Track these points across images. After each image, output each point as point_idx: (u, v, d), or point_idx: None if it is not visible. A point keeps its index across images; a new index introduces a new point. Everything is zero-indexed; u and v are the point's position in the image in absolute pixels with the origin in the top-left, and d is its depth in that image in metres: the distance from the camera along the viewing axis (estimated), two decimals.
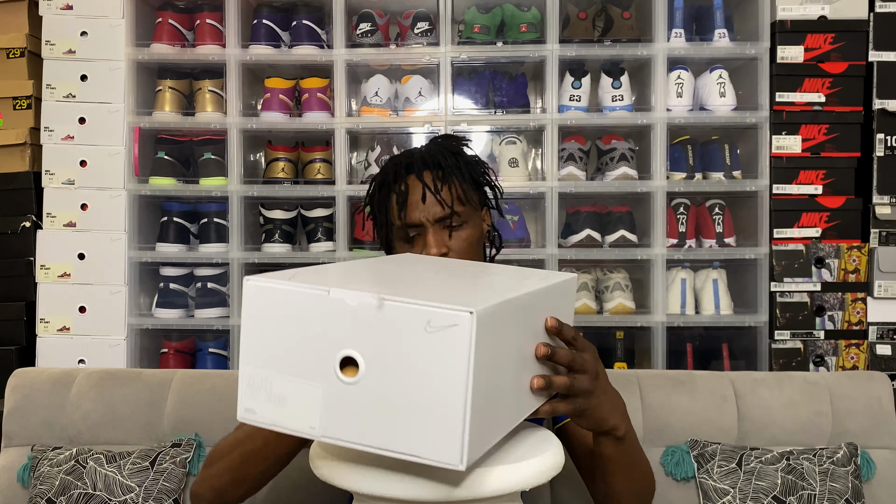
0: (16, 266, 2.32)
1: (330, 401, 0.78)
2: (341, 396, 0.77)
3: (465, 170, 1.34)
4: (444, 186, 1.30)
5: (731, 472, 1.64)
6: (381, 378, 0.76)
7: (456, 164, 1.33)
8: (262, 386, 0.82)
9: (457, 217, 1.30)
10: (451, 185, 1.30)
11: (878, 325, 2.25)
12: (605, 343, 2.33)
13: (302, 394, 0.79)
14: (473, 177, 1.35)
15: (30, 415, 1.74)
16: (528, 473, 0.89)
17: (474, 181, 1.36)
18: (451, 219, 1.30)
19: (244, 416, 0.83)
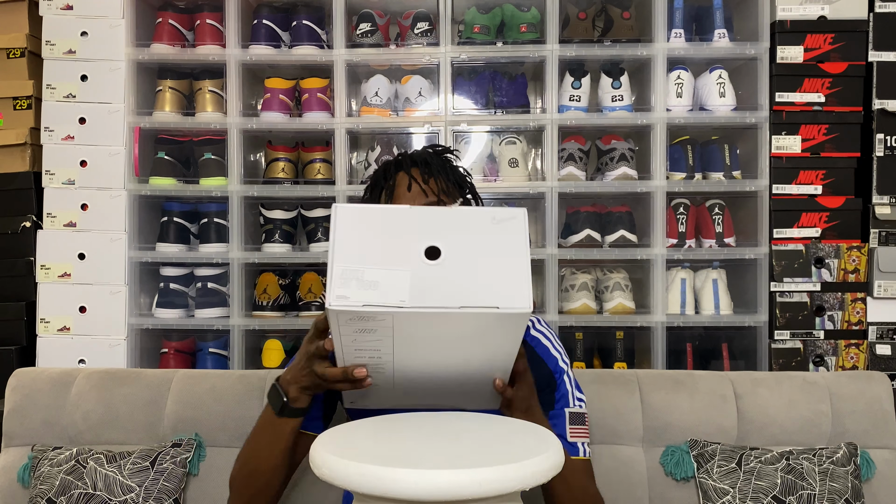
0: (16, 266, 2.32)
1: (416, 281, 1.00)
2: (427, 276, 1.00)
3: (450, 172, 1.41)
4: (429, 179, 1.37)
5: (730, 471, 1.64)
6: (460, 259, 1.02)
7: (441, 165, 1.41)
8: (354, 276, 1.00)
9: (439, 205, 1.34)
10: (437, 179, 1.38)
11: (877, 324, 2.25)
12: (605, 343, 2.34)
13: (392, 278, 1.00)
14: (457, 180, 1.42)
15: (30, 415, 1.74)
16: (528, 473, 0.89)
17: (458, 184, 1.42)
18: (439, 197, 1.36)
19: (336, 302, 0.99)
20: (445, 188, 1.39)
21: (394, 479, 0.85)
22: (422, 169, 1.39)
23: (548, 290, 2.26)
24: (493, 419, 1.13)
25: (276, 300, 2.32)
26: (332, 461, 0.91)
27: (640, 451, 1.73)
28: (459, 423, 1.11)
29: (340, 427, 1.07)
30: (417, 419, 1.12)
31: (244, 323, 2.29)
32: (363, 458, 0.90)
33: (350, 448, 0.95)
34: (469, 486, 0.85)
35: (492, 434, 1.04)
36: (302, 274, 2.37)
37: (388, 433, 1.03)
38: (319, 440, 0.99)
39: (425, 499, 0.85)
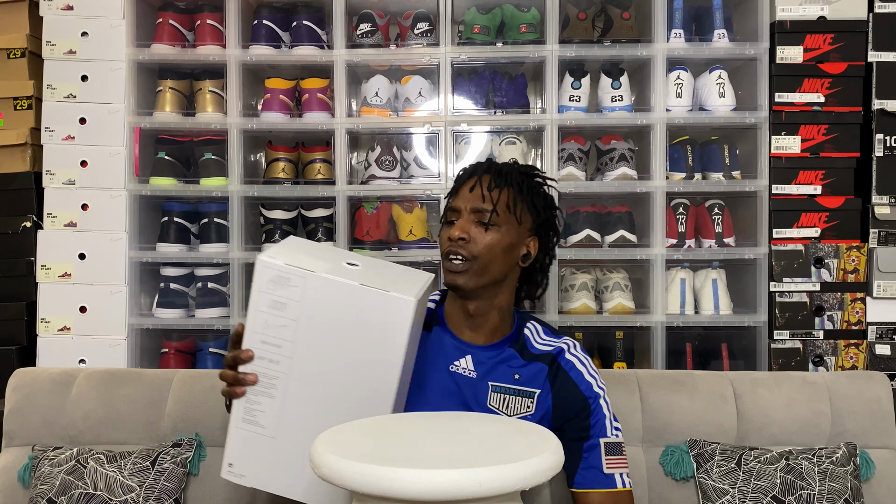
0: (16, 266, 2.32)
1: (334, 269, 1.19)
2: (343, 269, 1.21)
3: (528, 192, 1.42)
4: (494, 188, 1.38)
5: (730, 471, 1.64)
6: (372, 270, 1.25)
7: (520, 183, 1.41)
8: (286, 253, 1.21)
9: (493, 216, 1.37)
10: (502, 191, 1.38)
11: (877, 324, 2.25)
12: (605, 343, 2.34)
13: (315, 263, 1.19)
14: (533, 202, 1.43)
15: (30, 415, 1.74)
16: (528, 473, 0.89)
17: (533, 207, 1.43)
18: (486, 215, 1.37)
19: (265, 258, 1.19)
20: (509, 202, 1.39)
21: (394, 479, 0.86)
22: (493, 177, 1.40)
23: (548, 290, 2.26)
24: (493, 419, 1.14)
25: None
26: (332, 461, 0.91)
27: (640, 451, 1.73)
28: (459, 422, 1.11)
29: (340, 427, 1.08)
30: (417, 419, 1.12)
31: None
32: (363, 458, 0.90)
33: (350, 448, 0.95)
34: (469, 486, 0.85)
35: (492, 434, 1.04)
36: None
37: (388, 433, 1.03)
38: (319, 440, 0.99)
39: (425, 499, 0.85)
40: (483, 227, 1.37)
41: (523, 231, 1.42)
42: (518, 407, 1.41)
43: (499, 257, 1.38)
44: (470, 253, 1.37)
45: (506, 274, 1.42)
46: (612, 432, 1.42)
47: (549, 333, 1.50)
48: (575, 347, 1.48)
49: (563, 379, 1.42)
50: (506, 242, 1.38)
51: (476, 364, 1.42)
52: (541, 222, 1.45)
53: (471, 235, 1.37)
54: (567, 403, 1.41)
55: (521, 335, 1.46)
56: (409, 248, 2.28)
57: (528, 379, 1.42)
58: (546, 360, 1.44)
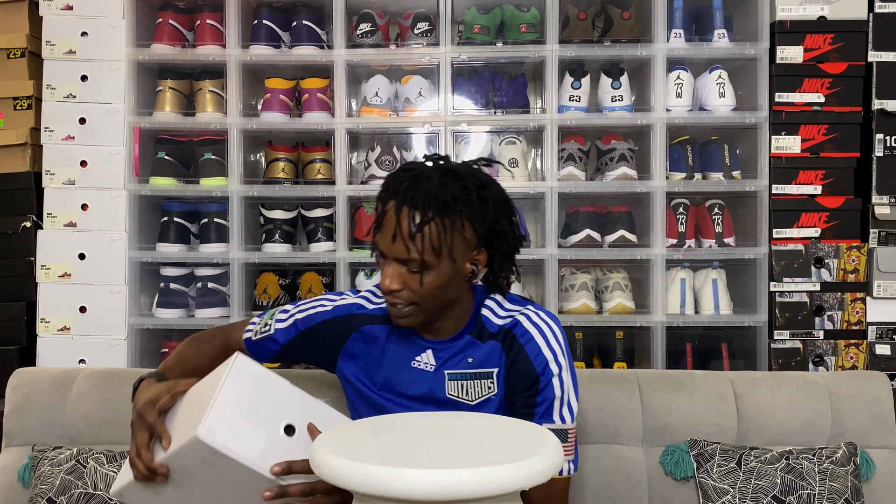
0: (16, 266, 2.32)
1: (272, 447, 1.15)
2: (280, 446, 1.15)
3: (458, 214, 1.25)
4: (416, 233, 1.23)
5: (730, 471, 1.64)
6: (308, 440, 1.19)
7: (444, 209, 1.24)
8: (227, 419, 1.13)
9: (415, 264, 1.25)
10: (424, 232, 1.23)
11: (877, 324, 2.25)
12: (605, 343, 2.34)
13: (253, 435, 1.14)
14: (470, 220, 1.27)
15: (30, 415, 1.74)
16: (528, 473, 0.89)
17: (470, 225, 1.28)
18: (414, 264, 1.25)
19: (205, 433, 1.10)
20: (437, 246, 1.24)
21: (394, 479, 0.86)
22: (412, 214, 1.24)
23: (548, 290, 2.26)
24: (492, 419, 1.14)
25: (276, 300, 2.32)
26: (333, 461, 0.91)
27: (640, 451, 1.73)
28: (459, 423, 1.11)
29: (340, 427, 1.08)
30: (418, 419, 1.12)
31: None
32: (363, 458, 0.90)
33: (350, 448, 0.95)
34: (469, 486, 0.85)
35: (492, 434, 1.04)
36: (302, 274, 2.38)
37: (388, 433, 1.03)
38: (319, 440, 0.99)
39: (425, 499, 0.85)
40: (415, 273, 1.26)
41: (463, 255, 1.28)
42: (479, 390, 1.36)
43: (442, 292, 1.29)
44: (408, 300, 1.28)
45: (455, 297, 1.34)
46: (560, 418, 1.33)
47: (514, 301, 1.42)
48: (537, 316, 1.37)
49: (516, 352, 1.34)
50: (444, 279, 1.27)
51: (436, 357, 1.39)
52: (483, 233, 1.30)
53: (404, 284, 1.27)
54: (517, 378, 1.34)
55: (478, 319, 1.39)
56: None
57: (482, 360, 1.36)
58: (500, 337, 1.36)
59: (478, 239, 1.30)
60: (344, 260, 2.29)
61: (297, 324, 1.46)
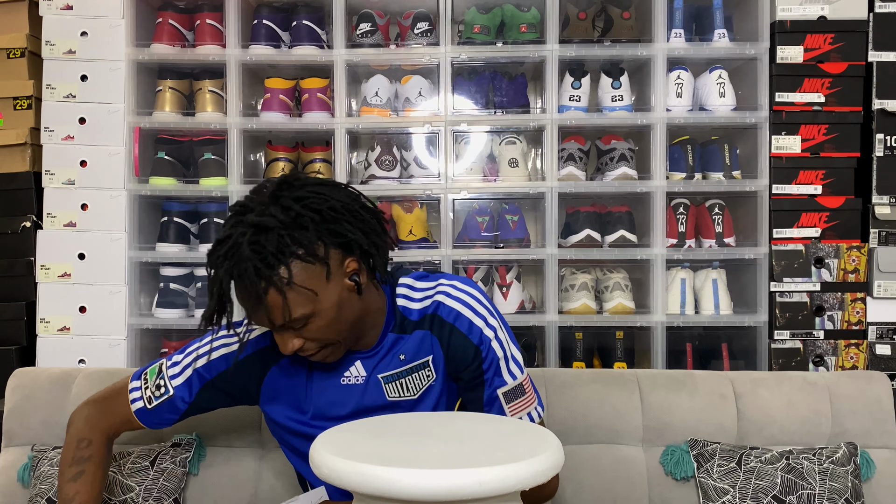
0: (16, 266, 2.32)
1: None
2: None
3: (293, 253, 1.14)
4: (262, 304, 1.14)
5: (730, 471, 1.64)
6: None
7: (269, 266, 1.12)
8: None
9: (293, 322, 1.17)
10: (269, 302, 1.14)
11: (877, 324, 2.25)
12: (605, 343, 2.34)
13: None
14: (309, 252, 1.15)
15: (30, 415, 1.74)
16: (528, 473, 0.89)
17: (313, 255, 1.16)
18: (291, 325, 1.17)
19: None
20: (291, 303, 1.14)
21: (394, 479, 0.85)
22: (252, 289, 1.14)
23: (547, 290, 2.26)
24: (493, 419, 1.13)
25: None
26: (332, 461, 0.91)
27: (640, 451, 1.73)
28: (459, 423, 1.11)
29: (340, 427, 1.08)
30: (418, 419, 1.12)
31: None
32: (363, 458, 0.90)
33: (350, 448, 0.95)
34: (469, 486, 0.85)
35: (492, 434, 1.04)
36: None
37: (388, 433, 1.03)
38: (319, 440, 0.99)
39: (425, 499, 0.85)
40: (302, 328, 1.18)
41: (330, 281, 1.18)
42: (418, 383, 1.31)
43: (341, 321, 1.21)
44: (316, 348, 1.22)
45: (359, 312, 1.25)
46: (510, 375, 1.30)
47: (423, 278, 1.35)
48: (455, 288, 1.31)
49: (449, 332, 1.29)
50: (331, 312, 1.18)
51: (365, 367, 1.31)
52: (333, 247, 1.19)
53: (300, 340, 1.20)
54: (458, 355, 1.29)
55: (396, 311, 1.32)
56: (409, 247, 2.28)
57: (414, 352, 1.30)
58: (425, 324, 1.30)
59: (331, 260, 1.18)
60: None
61: (198, 374, 1.36)
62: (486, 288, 2.29)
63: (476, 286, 1.34)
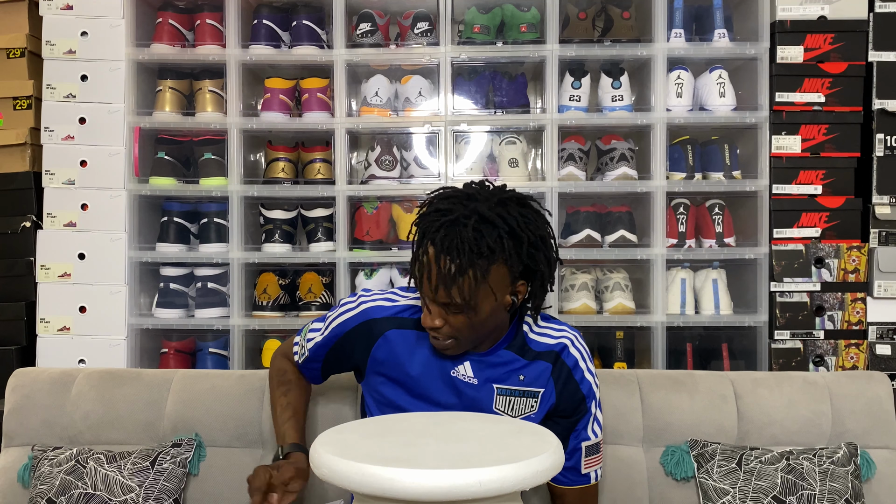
0: (16, 266, 2.32)
1: None
2: None
3: (495, 256, 1.25)
4: (455, 281, 1.24)
5: (731, 471, 1.64)
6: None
7: (481, 255, 1.24)
8: None
9: (459, 305, 1.27)
10: (463, 281, 1.24)
11: (877, 324, 2.25)
12: (605, 343, 2.34)
13: None
14: (508, 260, 1.27)
15: (30, 415, 1.74)
16: (528, 473, 0.89)
17: (509, 263, 1.28)
18: (456, 307, 1.27)
19: None
20: (476, 291, 1.24)
21: (394, 479, 0.86)
22: (450, 262, 1.24)
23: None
24: (493, 419, 1.14)
25: (276, 300, 2.32)
26: (333, 461, 0.91)
27: (640, 451, 1.73)
28: (459, 423, 1.11)
29: (340, 427, 1.08)
30: (417, 419, 1.12)
31: (244, 323, 2.29)
32: (363, 458, 0.90)
33: (350, 448, 0.95)
34: (469, 486, 0.85)
35: (492, 434, 1.04)
36: (302, 274, 2.37)
37: (388, 433, 1.03)
38: (319, 440, 0.99)
39: (425, 499, 0.85)
40: (457, 314, 1.28)
41: (502, 291, 1.30)
42: (523, 407, 1.40)
43: (484, 327, 1.32)
44: (451, 335, 1.32)
45: (496, 324, 1.36)
46: (594, 433, 1.44)
47: (546, 319, 1.46)
48: (578, 340, 1.44)
49: (566, 377, 1.41)
50: (485, 314, 1.29)
51: (475, 370, 1.40)
52: (523, 268, 1.31)
53: (445, 322, 1.30)
54: (567, 401, 1.41)
55: (519, 333, 1.42)
56: (409, 248, 2.27)
57: (532, 379, 1.40)
58: (549, 358, 1.41)
59: (515, 276, 1.31)
60: (344, 260, 2.29)
61: (326, 338, 1.46)
62: None
63: None
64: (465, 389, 1.39)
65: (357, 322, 1.43)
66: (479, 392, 1.39)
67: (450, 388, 1.40)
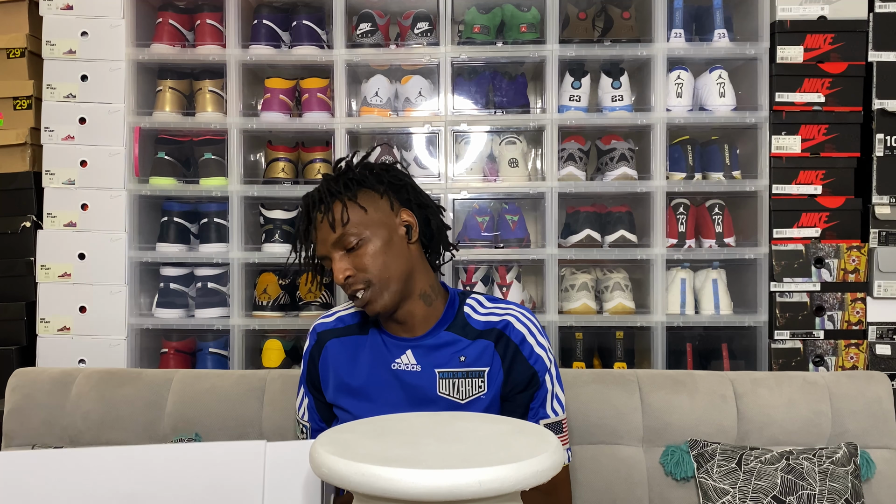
0: (16, 266, 2.32)
1: None
2: None
3: (356, 184, 1.37)
4: (329, 213, 1.34)
5: (730, 471, 1.64)
6: None
7: (345, 186, 1.36)
8: None
9: (351, 236, 1.33)
10: (334, 209, 1.34)
11: (877, 324, 2.25)
12: (605, 343, 2.34)
13: None
14: (371, 185, 1.37)
15: (30, 415, 1.74)
16: (528, 473, 0.89)
17: (373, 188, 1.37)
18: (347, 240, 1.33)
19: None
20: (349, 213, 1.34)
21: (394, 479, 0.85)
22: (321, 206, 1.36)
23: (548, 290, 2.26)
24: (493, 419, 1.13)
25: (276, 300, 2.32)
26: (332, 461, 0.91)
27: (640, 451, 1.73)
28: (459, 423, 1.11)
29: (340, 427, 1.08)
30: (417, 419, 1.12)
31: (244, 323, 2.29)
32: (363, 458, 0.90)
33: (350, 448, 0.95)
34: (469, 486, 0.85)
35: (492, 434, 1.04)
36: (302, 274, 2.38)
37: (388, 433, 1.03)
38: (319, 440, 0.99)
39: (425, 499, 0.85)
40: (353, 251, 1.34)
41: (384, 215, 1.37)
42: (469, 389, 1.38)
43: (388, 260, 1.35)
44: (364, 280, 1.35)
45: (407, 266, 1.38)
46: (553, 411, 1.40)
47: (493, 300, 1.46)
48: (525, 316, 1.42)
49: (513, 352, 1.38)
50: (381, 242, 1.35)
51: (418, 357, 1.39)
52: (394, 192, 1.39)
53: (351, 266, 1.34)
54: (516, 378, 1.38)
55: (460, 314, 1.42)
56: None
57: (474, 358, 1.39)
58: (491, 336, 1.40)
59: (391, 200, 1.38)
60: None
61: (303, 396, 1.50)
62: (486, 288, 2.29)
63: (539, 321, 1.46)
64: (408, 379, 1.39)
65: (312, 344, 1.49)
66: (421, 379, 1.38)
67: (393, 380, 1.39)
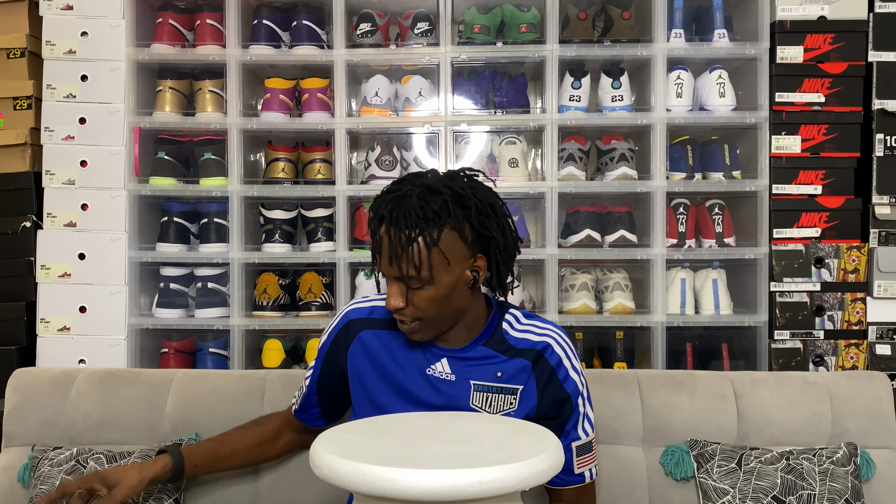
0: (16, 266, 2.32)
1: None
2: None
3: (442, 225, 1.27)
4: (405, 251, 1.26)
5: (730, 471, 1.64)
6: None
7: (427, 221, 1.26)
8: None
9: (414, 280, 1.27)
10: (412, 249, 1.26)
11: (877, 324, 2.25)
12: (605, 343, 2.34)
13: None
14: (458, 228, 1.28)
15: (30, 415, 1.74)
16: (528, 473, 0.89)
17: (460, 232, 1.29)
18: (412, 281, 1.28)
19: None
20: (427, 260, 1.26)
21: (394, 479, 0.86)
22: (399, 233, 1.26)
23: (548, 290, 2.26)
24: (493, 419, 1.14)
25: (276, 300, 2.32)
26: (332, 461, 0.91)
27: (640, 451, 1.73)
28: (459, 423, 1.11)
29: (340, 427, 1.08)
30: (417, 419, 1.12)
31: (244, 323, 2.29)
32: (363, 458, 0.90)
33: (350, 448, 0.95)
34: (469, 486, 0.85)
35: (492, 434, 1.04)
36: (302, 274, 2.38)
37: (388, 433, 1.03)
38: (319, 440, 0.99)
39: (425, 499, 0.85)
40: (416, 290, 1.29)
41: (460, 262, 1.30)
42: (501, 405, 1.38)
43: (446, 304, 1.31)
44: (413, 316, 1.32)
45: (462, 306, 1.35)
46: (584, 432, 1.41)
47: (529, 316, 1.45)
48: (562, 338, 1.42)
49: (548, 376, 1.38)
50: (445, 290, 1.29)
51: (452, 367, 1.39)
52: (475, 237, 1.31)
53: (407, 301, 1.30)
54: (550, 401, 1.39)
55: (498, 330, 1.41)
56: None
57: (510, 376, 1.38)
58: (530, 356, 1.39)
59: (470, 246, 1.31)
60: (344, 260, 2.29)
61: (319, 360, 1.49)
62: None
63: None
64: (442, 387, 1.38)
65: (340, 327, 1.46)
66: (455, 389, 1.38)
67: (427, 385, 1.39)
